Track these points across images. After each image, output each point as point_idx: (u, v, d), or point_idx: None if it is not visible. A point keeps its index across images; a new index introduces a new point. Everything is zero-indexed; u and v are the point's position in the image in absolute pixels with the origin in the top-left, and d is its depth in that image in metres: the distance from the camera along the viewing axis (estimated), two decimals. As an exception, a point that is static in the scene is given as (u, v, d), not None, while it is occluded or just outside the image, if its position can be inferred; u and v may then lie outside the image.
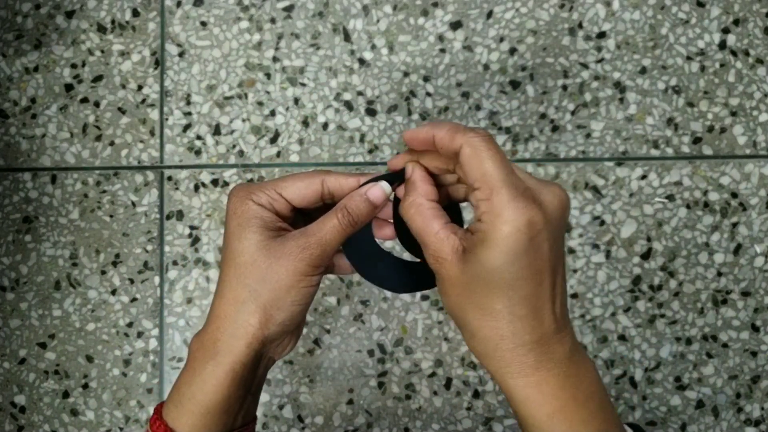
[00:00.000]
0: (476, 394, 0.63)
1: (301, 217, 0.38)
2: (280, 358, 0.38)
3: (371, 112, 0.65)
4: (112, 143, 0.66)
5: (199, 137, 0.65)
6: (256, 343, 0.34)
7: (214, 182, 0.65)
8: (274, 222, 0.35)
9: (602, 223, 0.64)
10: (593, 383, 0.33)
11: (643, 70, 0.65)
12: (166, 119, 0.66)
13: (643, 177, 0.64)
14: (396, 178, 0.36)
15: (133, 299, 0.65)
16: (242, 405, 0.36)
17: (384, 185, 0.35)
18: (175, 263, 0.65)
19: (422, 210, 0.33)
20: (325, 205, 0.37)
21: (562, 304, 0.32)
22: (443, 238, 0.32)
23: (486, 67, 0.65)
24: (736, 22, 0.65)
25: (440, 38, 0.65)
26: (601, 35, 0.65)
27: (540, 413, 0.31)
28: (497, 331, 0.31)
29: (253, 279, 0.34)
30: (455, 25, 0.65)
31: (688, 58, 0.65)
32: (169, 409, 0.36)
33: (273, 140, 0.65)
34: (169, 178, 0.65)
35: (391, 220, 0.37)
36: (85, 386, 0.65)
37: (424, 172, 0.35)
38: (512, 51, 0.65)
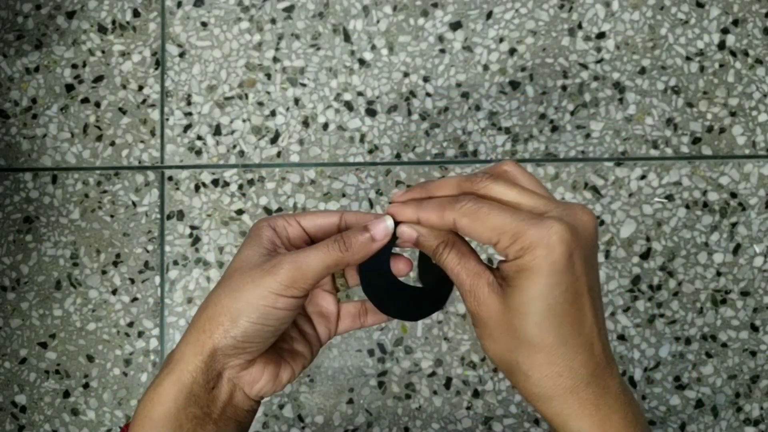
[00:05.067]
0: (476, 394, 0.63)
1: None
2: (254, 394, 0.34)
3: (371, 112, 0.65)
4: (112, 143, 0.66)
5: (199, 137, 0.66)
6: (205, 354, 0.32)
7: (215, 182, 0.65)
8: (273, 242, 0.34)
9: (602, 223, 0.64)
10: (644, 420, 0.31)
11: (643, 71, 0.65)
12: (167, 119, 0.66)
13: (643, 177, 0.64)
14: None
15: (134, 299, 0.65)
16: (200, 430, 0.33)
17: (388, 221, 0.33)
18: (175, 263, 0.65)
19: (458, 247, 0.33)
20: None
21: (605, 334, 0.31)
22: (480, 272, 0.31)
23: (486, 67, 0.65)
24: (735, 23, 0.65)
25: (440, 39, 0.65)
26: (601, 36, 0.65)
27: None
28: (553, 367, 0.29)
29: (223, 288, 0.33)
30: (455, 26, 0.65)
31: (688, 59, 0.65)
32: (131, 422, 0.34)
33: (273, 140, 0.65)
34: (170, 178, 0.65)
35: (406, 254, 0.37)
36: (86, 386, 0.65)
37: None
38: (512, 51, 0.65)
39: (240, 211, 0.65)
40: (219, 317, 0.32)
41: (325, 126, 0.65)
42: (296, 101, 0.65)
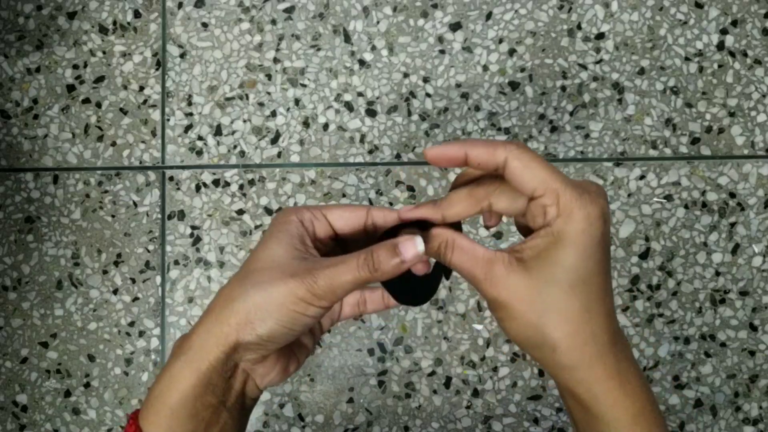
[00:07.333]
0: (475, 393, 0.64)
1: (340, 250, 0.37)
2: (263, 385, 0.36)
3: (371, 112, 0.65)
4: (113, 144, 0.66)
5: (200, 138, 0.66)
6: (228, 346, 0.33)
7: (216, 182, 0.65)
8: (303, 241, 0.35)
9: (601, 223, 0.64)
10: (648, 385, 0.33)
11: (642, 71, 0.65)
12: (168, 120, 0.66)
13: (642, 177, 0.64)
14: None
15: (135, 299, 0.65)
16: (215, 418, 0.34)
17: (420, 246, 0.32)
18: (176, 263, 0.65)
19: (459, 242, 0.33)
20: (367, 239, 0.36)
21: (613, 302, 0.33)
22: (491, 257, 0.32)
23: (485, 68, 0.65)
24: (734, 23, 0.65)
25: (440, 39, 0.66)
26: (600, 36, 0.65)
27: (626, 415, 0.32)
28: (579, 336, 0.31)
29: (252, 283, 0.33)
30: (455, 27, 0.66)
31: (687, 59, 0.65)
32: (143, 409, 0.34)
33: (274, 141, 0.66)
34: (171, 179, 0.66)
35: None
36: (87, 385, 0.65)
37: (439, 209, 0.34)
38: (511, 52, 0.65)
39: (241, 211, 0.65)
40: (247, 314, 0.32)
41: (326, 126, 0.65)
42: (297, 102, 0.66)
